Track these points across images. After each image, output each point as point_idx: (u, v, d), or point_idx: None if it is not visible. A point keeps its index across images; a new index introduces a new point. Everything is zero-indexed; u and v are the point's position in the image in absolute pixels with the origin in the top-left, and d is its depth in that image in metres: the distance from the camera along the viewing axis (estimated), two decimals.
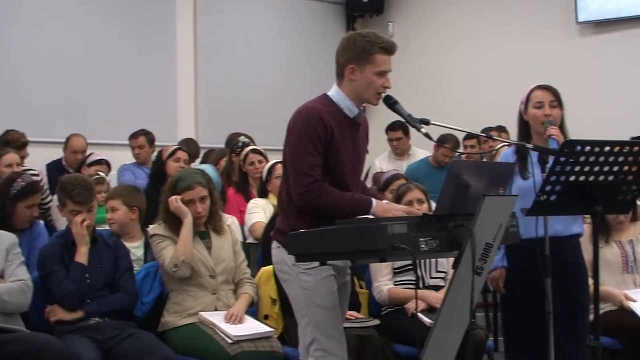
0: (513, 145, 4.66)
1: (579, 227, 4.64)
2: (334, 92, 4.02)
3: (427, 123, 3.92)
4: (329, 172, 3.90)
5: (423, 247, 3.43)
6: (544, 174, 4.05)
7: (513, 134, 5.04)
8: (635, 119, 9.23)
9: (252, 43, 11.17)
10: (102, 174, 7.15)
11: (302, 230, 3.65)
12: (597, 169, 3.66)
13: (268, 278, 5.35)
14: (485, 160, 8.25)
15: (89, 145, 8.53)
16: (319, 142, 3.86)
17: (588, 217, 4.66)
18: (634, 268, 5.77)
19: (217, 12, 10.95)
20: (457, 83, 11.30)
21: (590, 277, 4.51)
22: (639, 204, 5.35)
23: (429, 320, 4.95)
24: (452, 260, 3.63)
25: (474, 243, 3.46)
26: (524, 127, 4.64)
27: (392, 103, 3.98)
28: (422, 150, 9.42)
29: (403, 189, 5.61)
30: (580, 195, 3.71)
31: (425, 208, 5.36)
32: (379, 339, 5.19)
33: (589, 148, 3.61)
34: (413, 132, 5.57)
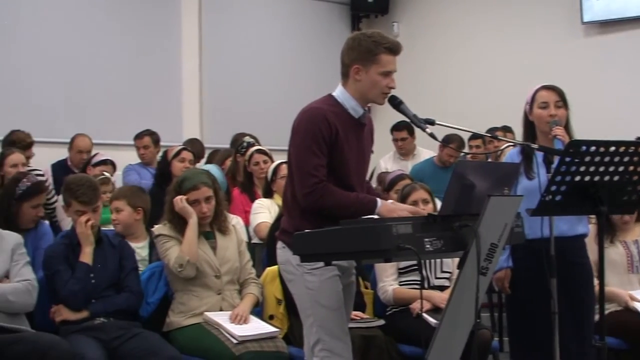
0: (518, 145, 4.65)
1: (584, 227, 4.63)
2: (339, 92, 4.02)
3: (432, 123, 3.92)
4: (334, 172, 3.90)
5: (428, 247, 3.43)
6: (549, 174, 4.05)
7: (518, 134, 5.03)
8: None
9: (256, 43, 11.17)
10: (107, 174, 7.16)
11: (306, 230, 3.65)
12: (602, 169, 3.66)
13: (273, 278, 5.35)
14: (490, 160, 8.25)
15: (94, 146, 8.54)
16: (324, 142, 3.86)
17: (593, 217, 4.66)
18: (639, 268, 5.77)
19: (221, 11, 10.96)
20: (462, 83, 11.28)
21: (595, 277, 4.51)
22: None
23: (434, 320, 4.94)
24: (457, 260, 3.64)
25: (479, 243, 3.45)
26: (529, 127, 4.63)
27: (396, 103, 3.98)
28: (427, 150, 9.42)
29: (408, 189, 5.61)
30: (585, 195, 3.71)
31: (430, 208, 5.36)
32: (384, 339, 5.19)
33: (594, 148, 3.61)
34: (418, 132, 5.56)
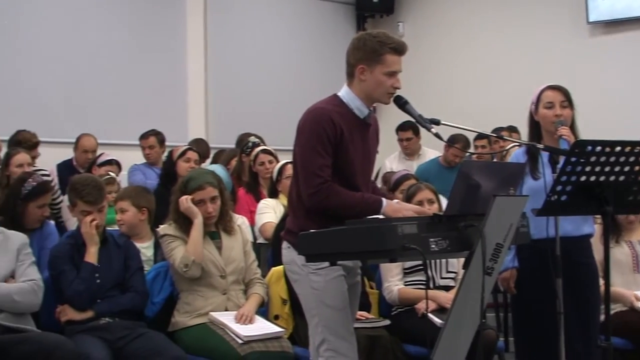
0: (523, 145, 4.65)
1: (590, 227, 4.63)
2: (344, 92, 4.02)
3: (437, 123, 3.92)
4: (339, 172, 3.90)
5: (433, 247, 3.43)
6: (555, 174, 4.05)
7: (524, 134, 5.03)
8: None
9: (262, 43, 11.18)
10: (112, 174, 7.17)
11: (312, 230, 3.65)
12: (607, 169, 3.66)
13: (278, 278, 5.35)
14: (496, 160, 8.24)
15: (99, 146, 8.54)
16: (328, 142, 3.86)
17: (598, 217, 4.65)
18: None
19: (227, 12, 10.96)
20: (467, 83, 11.28)
21: (601, 277, 4.51)
22: None
23: (439, 321, 4.94)
24: (462, 260, 3.63)
25: (484, 243, 3.45)
26: (535, 127, 4.63)
27: (402, 103, 3.98)
28: (432, 150, 9.42)
29: (413, 189, 5.61)
30: (591, 195, 3.71)
31: (436, 208, 5.36)
32: (389, 339, 5.19)
33: (600, 148, 3.61)
34: (423, 132, 5.57)
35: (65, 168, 8.38)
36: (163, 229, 5.27)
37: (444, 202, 5.07)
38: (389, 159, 9.58)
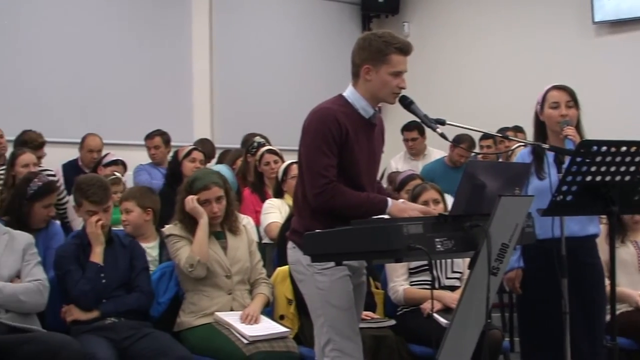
0: (529, 145, 4.65)
1: (595, 227, 4.63)
2: (349, 92, 4.02)
3: (442, 123, 3.92)
4: (344, 172, 3.90)
5: (438, 247, 3.42)
6: (560, 174, 4.04)
7: (529, 134, 5.03)
8: None
9: (267, 43, 11.17)
10: (118, 174, 7.17)
11: (317, 231, 3.65)
12: (613, 169, 3.65)
13: (283, 278, 5.35)
14: (501, 160, 8.23)
15: (105, 146, 8.55)
16: (334, 142, 3.86)
17: (604, 217, 4.65)
18: None
19: (232, 12, 10.95)
20: (472, 83, 11.27)
21: (607, 277, 4.50)
22: None
23: (445, 321, 4.94)
24: (467, 261, 3.63)
25: (490, 243, 3.45)
26: (540, 127, 4.63)
27: (407, 103, 3.98)
28: (437, 150, 9.41)
29: (418, 189, 5.61)
30: (596, 195, 3.70)
31: (441, 208, 5.35)
32: (395, 339, 5.19)
33: (605, 148, 3.60)
34: (428, 132, 5.55)
35: (71, 168, 8.39)
36: (168, 229, 5.27)
37: (450, 201, 5.06)
38: (395, 159, 9.58)
